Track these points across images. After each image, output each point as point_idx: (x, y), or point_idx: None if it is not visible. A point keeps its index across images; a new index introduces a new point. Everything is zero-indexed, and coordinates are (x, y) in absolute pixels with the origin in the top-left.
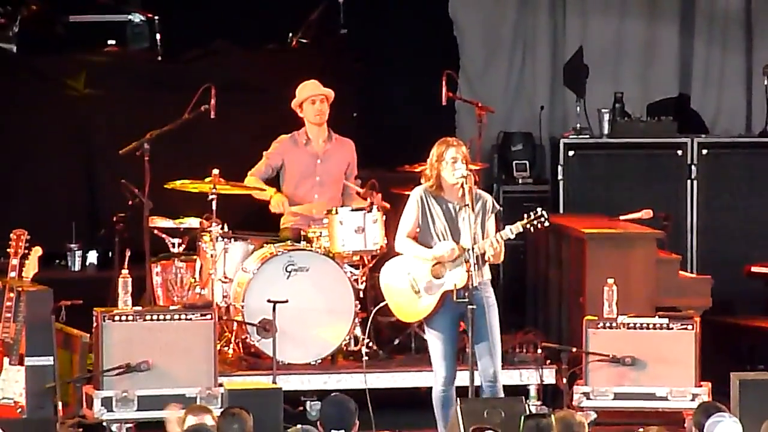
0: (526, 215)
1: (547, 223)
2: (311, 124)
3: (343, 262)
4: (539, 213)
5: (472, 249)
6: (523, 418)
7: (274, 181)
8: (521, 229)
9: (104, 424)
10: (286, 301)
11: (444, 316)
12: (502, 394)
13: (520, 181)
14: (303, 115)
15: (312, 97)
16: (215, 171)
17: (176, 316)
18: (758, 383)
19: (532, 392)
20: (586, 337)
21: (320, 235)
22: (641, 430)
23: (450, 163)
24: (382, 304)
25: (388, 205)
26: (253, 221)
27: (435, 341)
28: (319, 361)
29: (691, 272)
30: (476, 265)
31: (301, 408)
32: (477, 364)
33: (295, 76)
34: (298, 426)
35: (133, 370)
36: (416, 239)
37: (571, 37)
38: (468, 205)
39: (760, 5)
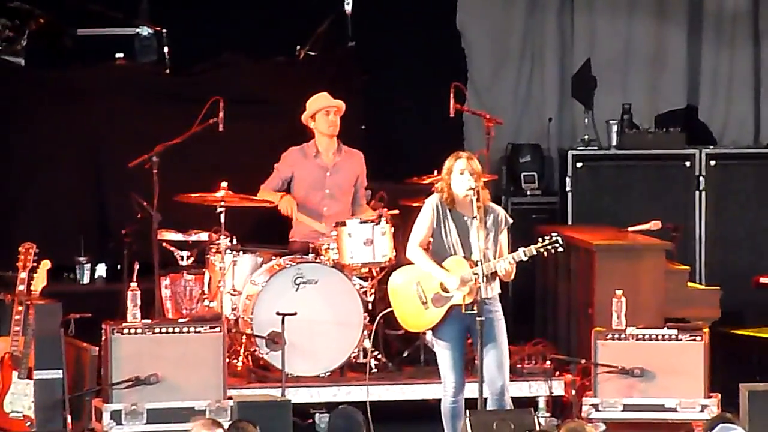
0: (540, 239)
1: (561, 249)
2: (323, 136)
3: (352, 275)
4: (554, 238)
5: (481, 262)
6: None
7: (286, 192)
8: (534, 253)
9: None
10: (295, 314)
11: (452, 326)
12: (509, 408)
13: (529, 193)
14: (315, 126)
15: (327, 108)
16: (224, 184)
17: (185, 329)
18: (767, 394)
19: (541, 404)
20: (595, 349)
21: (329, 248)
22: None
23: (457, 174)
24: (387, 311)
25: (396, 211)
26: (261, 234)
27: (443, 351)
28: (328, 373)
29: (700, 283)
30: (485, 279)
31: (310, 420)
32: (485, 377)
33: (303, 89)
34: None
35: (142, 383)
36: (428, 248)
37: (578, 48)
38: (476, 217)
39: None
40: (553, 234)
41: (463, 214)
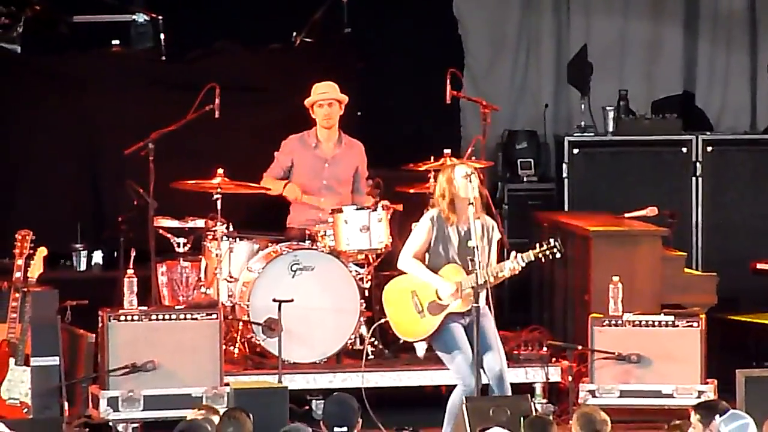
0: (538, 245)
1: (559, 255)
2: (321, 127)
3: (348, 261)
4: (552, 244)
5: (479, 266)
6: (524, 419)
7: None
8: (532, 258)
9: (110, 423)
10: (292, 301)
11: (453, 331)
12: (509, 392)
13: (525, 180)
14: (314, 115)
15: (320, 101)
16: (220, 170)
17: (182, 316)
18: (764, 380)
19: (538, 390)
20: (591, 335)
21: (325, 234)
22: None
23: (461, 179)
24: (381, 321)
25: (399, 207)
26: (257, 221)
27: (456, 357)
28: (325, 360)
29: (697, 269)
30: (481, 288)
31: (307, 407)
32: (483, 365)
33: (298, 76)
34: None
35: (139, 369)
36: (423, 260)
37: (575, 34)
38: (477, 208)
39: (764, 2)
40: (551, 239)
41: (462, 226)
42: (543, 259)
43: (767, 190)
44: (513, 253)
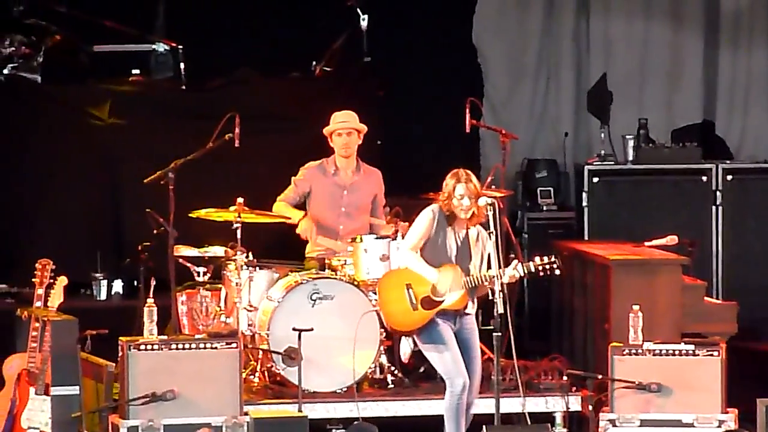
0: (538, 257)
1: (557, 272)
2: (339, 155)
3: (368, 290)
4: (553, 259)
5: (498, 276)
6: None
7: (302, 207)
8: (532, 270)
9: None
10: (312, 330)
11: (443, 327)
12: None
13: (545, 208)
14: (332, 144)
15: (338, 130)
16: (240, 199)
17: (202, 345)
18: None
19: (558, 419)
20: (611, 364)
21: (345, 263)
22: None
23: (458, 198)
24: (372, 310)
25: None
26: (277, 249)
27: (444, 353)
28: (345, 389)
29: (717, 298)
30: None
31: None
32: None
33: (318, 105)
34: None
35: (159, 399)
36: (421, 254)
37: (594, 63)
38: (492, 232)
39: None
40: (552, 255)
41: (461, 228)
42: (542, 273)
43: None
44: (514, 262)
